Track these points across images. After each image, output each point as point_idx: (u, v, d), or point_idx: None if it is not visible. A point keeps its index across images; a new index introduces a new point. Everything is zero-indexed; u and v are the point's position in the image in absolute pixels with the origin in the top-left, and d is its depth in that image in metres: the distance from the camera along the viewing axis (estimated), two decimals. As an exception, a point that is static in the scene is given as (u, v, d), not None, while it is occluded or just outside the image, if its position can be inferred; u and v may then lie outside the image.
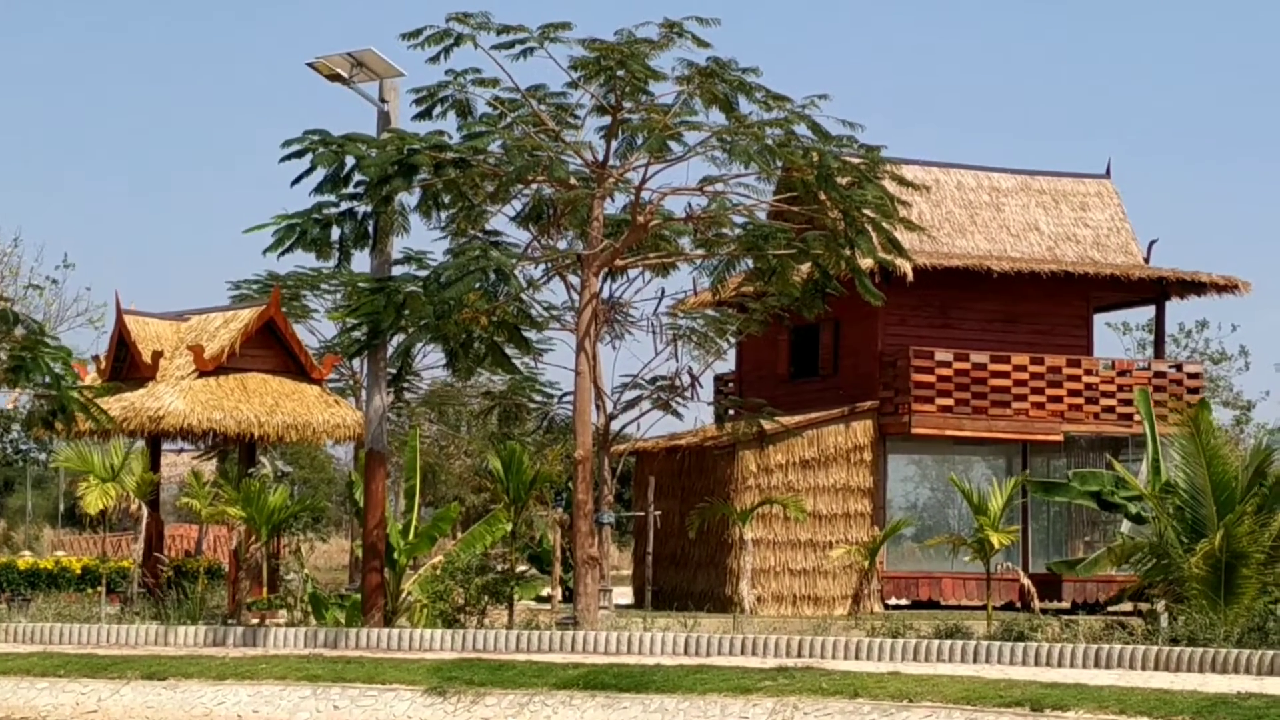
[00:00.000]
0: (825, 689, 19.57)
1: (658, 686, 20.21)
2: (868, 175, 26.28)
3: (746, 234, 26.80)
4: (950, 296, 39.98)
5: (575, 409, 26.46)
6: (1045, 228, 41.66)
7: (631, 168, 26.26)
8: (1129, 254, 41.83)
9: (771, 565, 37.62)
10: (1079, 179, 43.17)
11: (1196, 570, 25.17)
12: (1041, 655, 22.23)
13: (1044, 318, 40.96)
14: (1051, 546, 40.93)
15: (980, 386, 39.08)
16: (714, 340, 34.91)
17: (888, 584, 38.54)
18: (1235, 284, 41.23)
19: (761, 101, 25.54)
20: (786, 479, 37.82)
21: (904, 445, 39.62)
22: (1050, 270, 39.72)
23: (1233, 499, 25.66)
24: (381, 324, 25.81)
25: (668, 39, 25.10)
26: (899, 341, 39.23)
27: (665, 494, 39.22)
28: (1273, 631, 22.89)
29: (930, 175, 40.88)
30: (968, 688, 19.26)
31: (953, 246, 40.20)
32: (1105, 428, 40.03)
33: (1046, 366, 39.66)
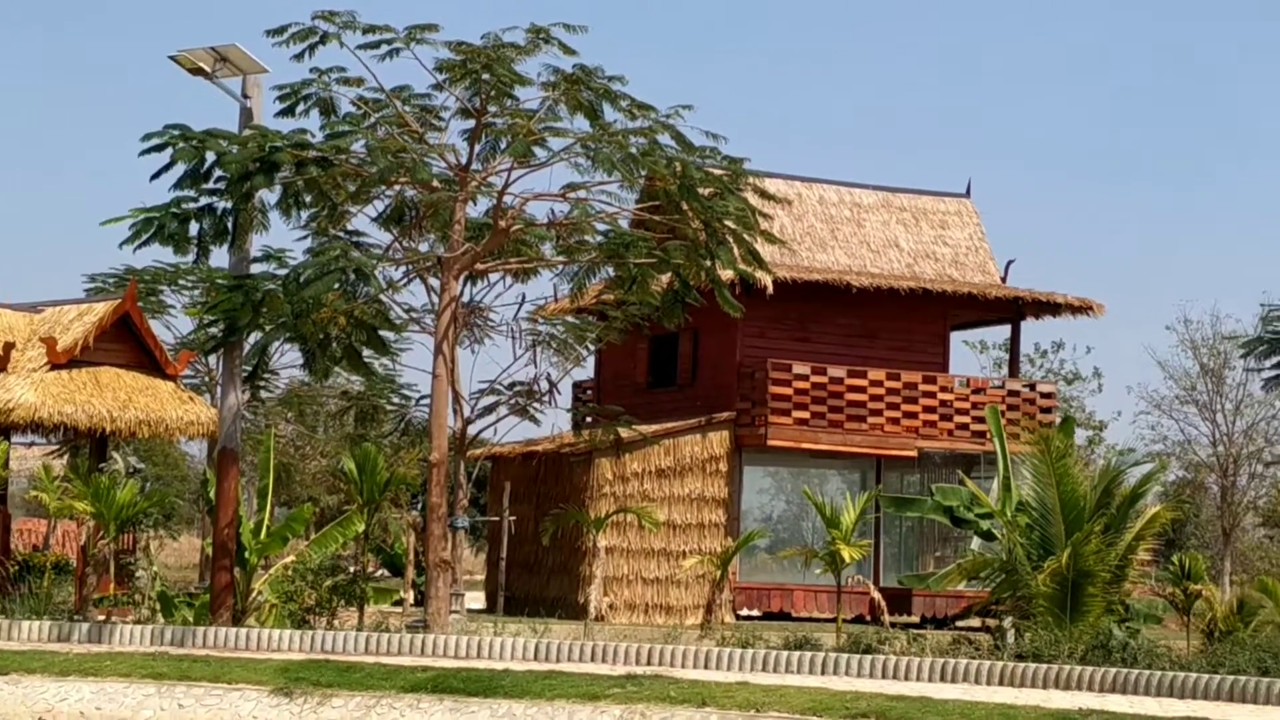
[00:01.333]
0: (673, 697, 19.63)
1: (506, 692, 20.19)
2: (730, 187, 26.36)
3: (608, 242, 26.81)
4: (810, 310, 40.19)
5: (432, 412, 26.38)
6: (905, 245, 42.00)
7: (495, 172, 26.22)
8: (987, 273, 42.24)
9: (625, 573, 37.66)
10: (939, 197, 43.56)
11: (1044, 587, 25.46)
12: (889, 668, 22.40)
13: (902, 334, 41.26)
14: (903, 561, 41.22)
15: (837, 400, 39.32)
16: (573, 347, 34.89)
17: (740, 594, 38.67)
18: (1090, 305, 41.71)
19: (626, 110, 25.58)
20: (642, 487, 37.89)
21: (760, 457, 39.79)
22: (909, 287, 40.02)
23: (1081, 518, 26.00)
24: (238, 321, 25.63)
25: (534, 44, 25.08)
26: (757, 353, 39.40)
27: (521, 499, 39.17)
28: (1116, 649, 23.18)
29: (793, 189, 41.11)
30: (815, 699, 19.39)
31: (813, 261, 40.42)
32: (959, 444, 40.38)
33: (903, 382, 39.96)
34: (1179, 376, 55.06)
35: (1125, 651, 23.10)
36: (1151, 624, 29.92)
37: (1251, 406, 53.65)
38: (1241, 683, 20.40)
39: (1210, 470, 56.07)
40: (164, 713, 20.64)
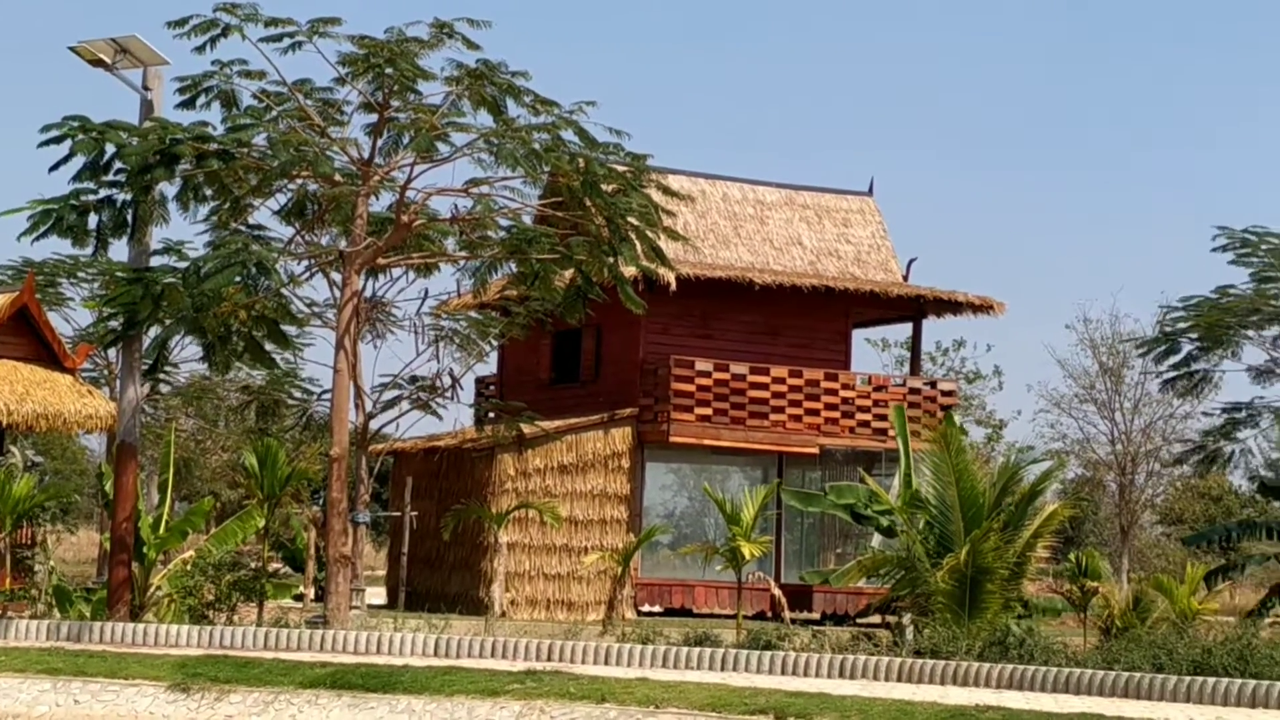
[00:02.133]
0: (573, 693, 19.62)
1: (405, 687, 20.13)
2: (633, 183, 26.39)
3: (511, 237, 26.79)
4: (712, 307, 40.27)
5: (333, 407, 26.28)
6: (808, 242, 42.14)
7: (397, 166, 26.15)
8: (889, 271, 42.43)
9: (527, 569, 37.63)
10: (842, 195, 43.72)
11: (943, 584, 25.62)
12: (788, 664, 22.49)
13: (804, 331, 41.38)
14: (805, 558, 41.35)
15: (739, 397, 39.40)
16: (476, 342, 34.83)
17: (642, 590, 38.71)
18: (990, 304, 41.97)
19: (530, 105, 25.57)
20: (544, 483, 37.87)
21: (663, 453, 39.84)
22: (811, 285, 40.15)
23: (980, 516, 26.17)
24: (138, 314, 25.46)
25: (438, 39, 25.04)
26: (660, 350, 39.44)
27: (423, 495, 39.08)
28: (1013, 646, 23.34)
29: (696, 186, 41.18)
30: (714, 695, 19.42)
31: (716, 258, 40.50)
32: (860, 442, 40.55)
33: (805, 379, 40.09)
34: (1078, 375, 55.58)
35: (1022, 648, 23.27)
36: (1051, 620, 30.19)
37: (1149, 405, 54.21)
38: (1136, 679, 20.58)
39: (1109, 468, 56.58)
40: (59, 709, 20.46)
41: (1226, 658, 21.08)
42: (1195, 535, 38.89)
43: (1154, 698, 20.20)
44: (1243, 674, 20.62)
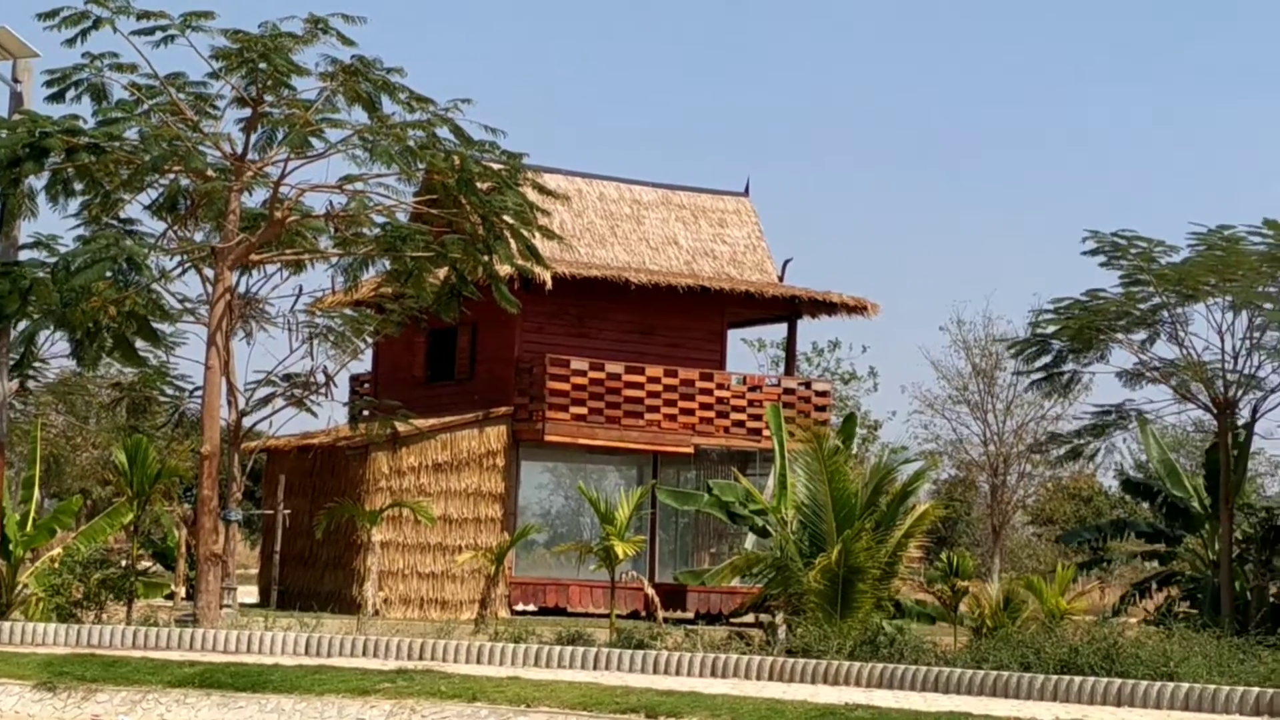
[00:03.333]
0: (444, 692, 19.57)
1: (275, 686, 19.99)
2: (508, 182, 26.39)
3: (385, 235, 26.72)
4: (588, 306, 40.27)
5: (204, 403, 26.10)
6: (684, 242, 42.22)
7: (271, 162, 26.02)
8: (764, 272, 42.59)
9: (400, 568, 37.49)
10: (718, 195, 43.84)
11: (815, 584, 25.77)
12: (660, 663, 22.54)
13: (680, 331, 41.45)
14: (679, 557, 41.44)
15: (614, 397, 39.43)
16: (350, 340, 34.63)
17: (516, 590, 38.65)
18: (865, 305, 42.20)
19: (405, 103, 25.51)
20: (419, 481, 37.75)
21: (538, 452, 39.80)
22: (687, 284, 40.23)
23: (852, 516, 26.35)
24: (5, 309, 25.18)
25: (312, 34, 24.93)
26: (536, 349, 39.40)
27: (296, 493, 38.86)
28: (884, 645, 23.50)
29: (573, 185, 41.17)
30: (585, 694, 19.42)
31: (592, 257, 40.52)
32: (735, 441, 40.68)
33: (680, 379, 40.15)
34: (952, 377, 55.96)
35: (893, 647, 23.43)
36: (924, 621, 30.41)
37: (1021, 407, 54.66)
38: (1005, 678, 20.76)
39: (981, 469, 57.02)
40: (-78, 708, 20.19)
41: (1093, 656, 21.33)
42: (1066, 534, 39.31)
43: (1022, 696, 20.40)
44: (1109, 672, 20.86)
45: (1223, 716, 19.15)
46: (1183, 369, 30.14)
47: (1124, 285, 29.81)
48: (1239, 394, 30.02)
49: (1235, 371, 29.71)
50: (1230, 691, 19.45)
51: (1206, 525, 32.16)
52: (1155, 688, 19.85)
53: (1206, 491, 32.21)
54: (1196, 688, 19.69)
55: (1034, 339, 31.34)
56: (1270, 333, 29.59)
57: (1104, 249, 29.68)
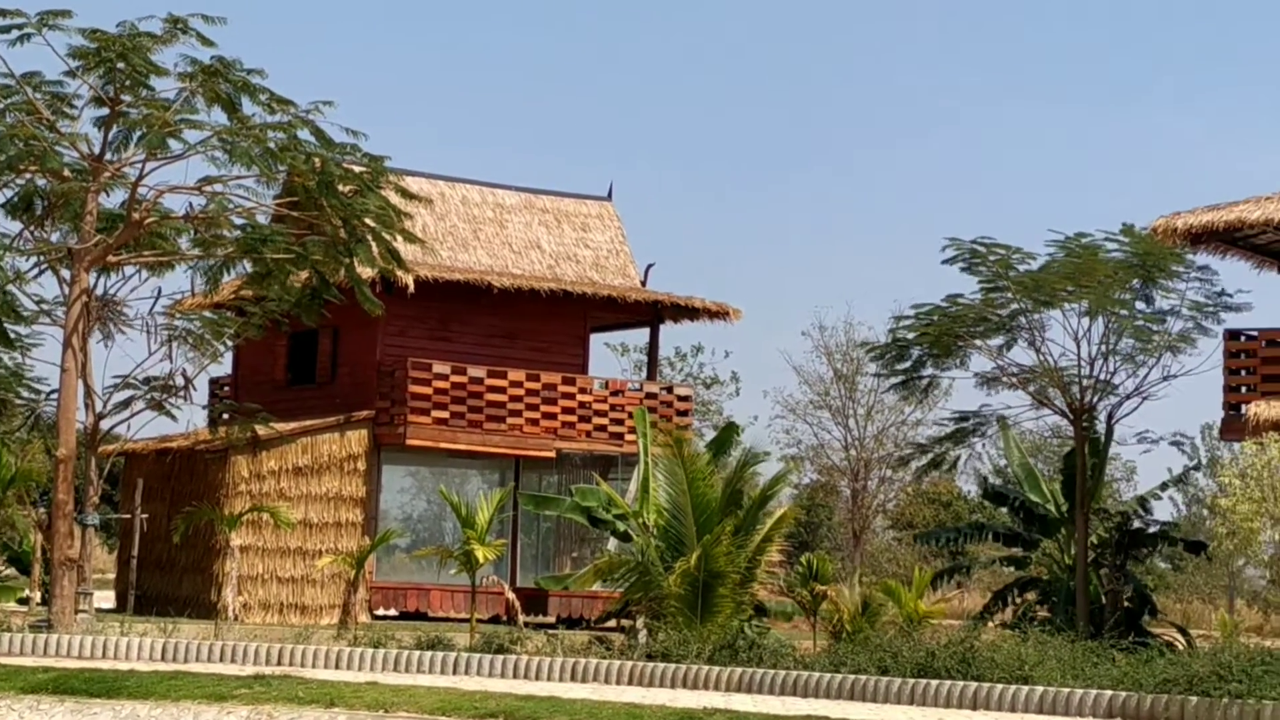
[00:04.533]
0: (301, 698, 19.47)
1: (130, 692, 19.82)
2: (370, 185, 26.31)
3: (245, 237, 26.54)
4: (451, 310, 40.15)
5: (60, 406, 25.82)
6: (547, 246, 42.20)
7: (129, 163, 25.79)
8: (627, 276, 42.65)
9: (260, 572, 37.21)
10: (581, 200, 43.85)
11: (675, 588, 25.83)
12: (520, 668, 22.56)
13: (542, 335, 41.42)
14: (541, 562, 41.41)
15: (477, 400, 39.32)
16: (210, 343, 34.31)
17: (376, 594, 38.48)
18: (726, 311, 42.33)
19: (265, 104, 25.37)
20: (279, 485, 37.49)
21: (400, 456, 39.64)
22: (550, 289, 40.21)
23: (713, 520, 26.43)
24: None
25: (172, 34, 24.76)
26: (398, 352, 39.24)
27: (154, 497, 38.48)
28: (743, 649, 23.58)
29: (435, 188, 41.04)
30: (444, 699, 19.39)
31: (455, 260, 40.41)
32: (597, 445, 40.69)
33: (542, 383, 40.12)
34: (813, 382, 56.31)
35: (752, 651, 23.52)
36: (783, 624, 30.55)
37: (882, 412, 55.11)
38: (862, 681, 20.93)
39: (842, 474, 57.40)
40: None
41: (949, 660, 21.50)
42: (925, 534, 39.65)
43: (879, 700, 20.58)
44: (965, 676, 21.04)
45: (1076, 719, 19.41)
46: (1040, 375, 30.46)
47: (983, 291, 30.08)
48: (1095, 399, 30.37)
49: (1091, 377, 30.06)
50: (1084, 694, 19.70)
51: (1063, 530, 32.51)
52: (1010, 691, 20.07)
53: (1063, 496, 32.57)
54: (1051, 691, 19.93)
55: (894, 344, 31.55)
56: (1125, 339, 29.95)
57: (963, 256, 29.94)
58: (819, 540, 57.63)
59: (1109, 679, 20.40)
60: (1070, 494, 31.65)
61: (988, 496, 36.36)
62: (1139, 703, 19.35)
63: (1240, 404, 31.15)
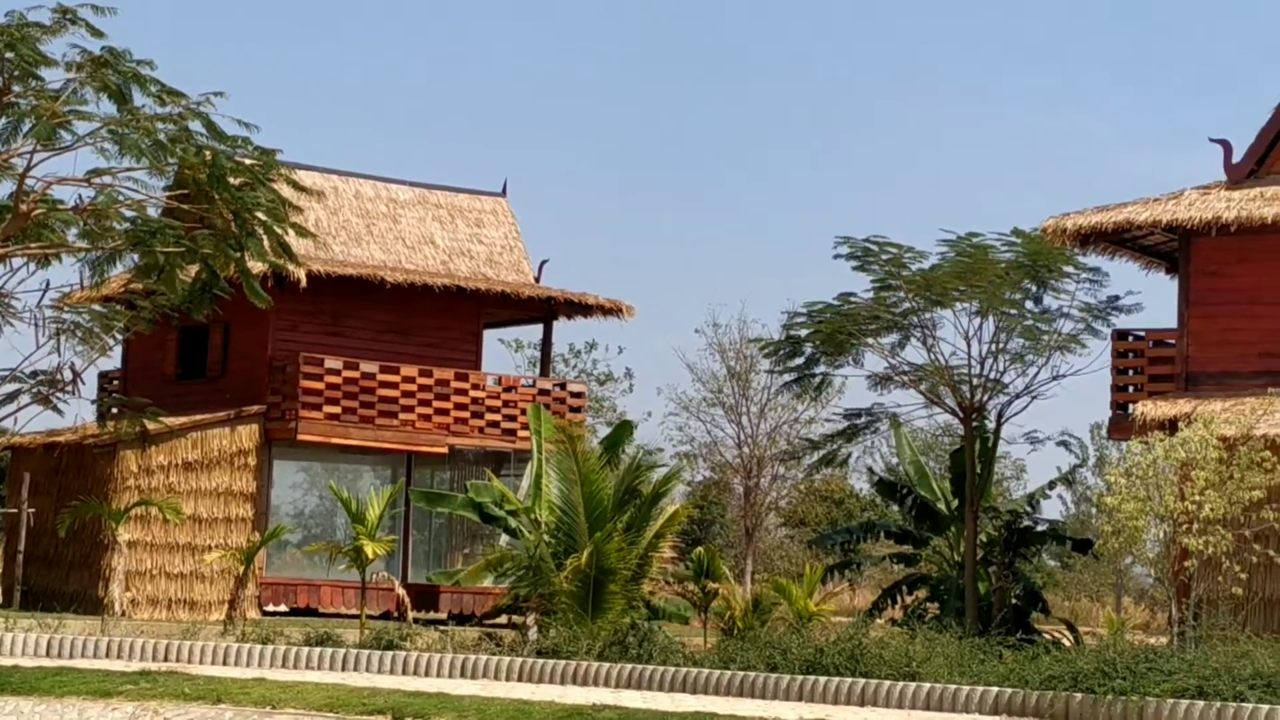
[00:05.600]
0: (188, 694, 19.36)
1: (14, 688, 19.65)
2: (261, 178, 26.14)
3: (134, 229, 26.30)
4: (343, 305, 39.99)
5: (-57, 400, 25.54)
6: (441, 242, 42.10)
7: (16, 154, 25.50)
8: (521, 272, 42.61)
9: (148, 568, 36.93)
10: (476, 195, 43.78)
11: (566, 585, 25.83)
12: (409, 664, 22.51)
13: (435, 331, 41.32)
14: (434, 558, 41.31)
15: (369, 396, 39.19)
16: (99, 336, 34.00)
17: (267, 590, 38.27)
18: (620, 307, 42.38)
19: (156, 95, 25.16)
20: (168, 480, 37.21)
21: (291, 451, 39.44)
22: (443, 284, 40.10)
23: (605, 517, 26.44)
24: None
25: (61, 25, 24.53)
26: (290, 347, 39.03)
27: (41, 491, 38.14)
28: (633, 646, 23.62)
29: (329, 182, 40.84)
30: (332, 695, 19.33)
31: (348, 255, 40.24)
32: (490, 442, 40.64)
33: (435, 379, 40.03)
34: (707, 379, 56.36)
35: (642, 648, 23.56)
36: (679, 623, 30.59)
37: (775, 409, 55.20)
38: (751, 678, 21.00)
39: (735, 471, 57.50)
40: None
41: (838, 657, 21.60)
42: (819, 537, 39.77)
43: (768, 696, 20.65)
44: (853, 673, 21.14)
45: (963, 715, 19.55)
46: (931, 373, 30.63)
47: (875, 290, 30.22)
48: (985, 398, 30.57)
49: (981, 376, 30.25)
50: (970, 691, 19.84)
51: (953, 527, 32.72)
52: (898, 688, 20.20)
53: (953, 494, 32.78)
54: (938, 687, 20.06)
55: (786, 341, 31.65)
56: (1015, 339, 30.16)
57: (856, 254, 30.07)
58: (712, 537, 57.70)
59: (996, 676, 20.55)
60: (960, 492, 31.84)
61: (881, 493, 36.54)
62: (1025, 699, 19.51)
63: (1128, 404, 31.43)
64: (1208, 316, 30.83)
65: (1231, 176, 31.24)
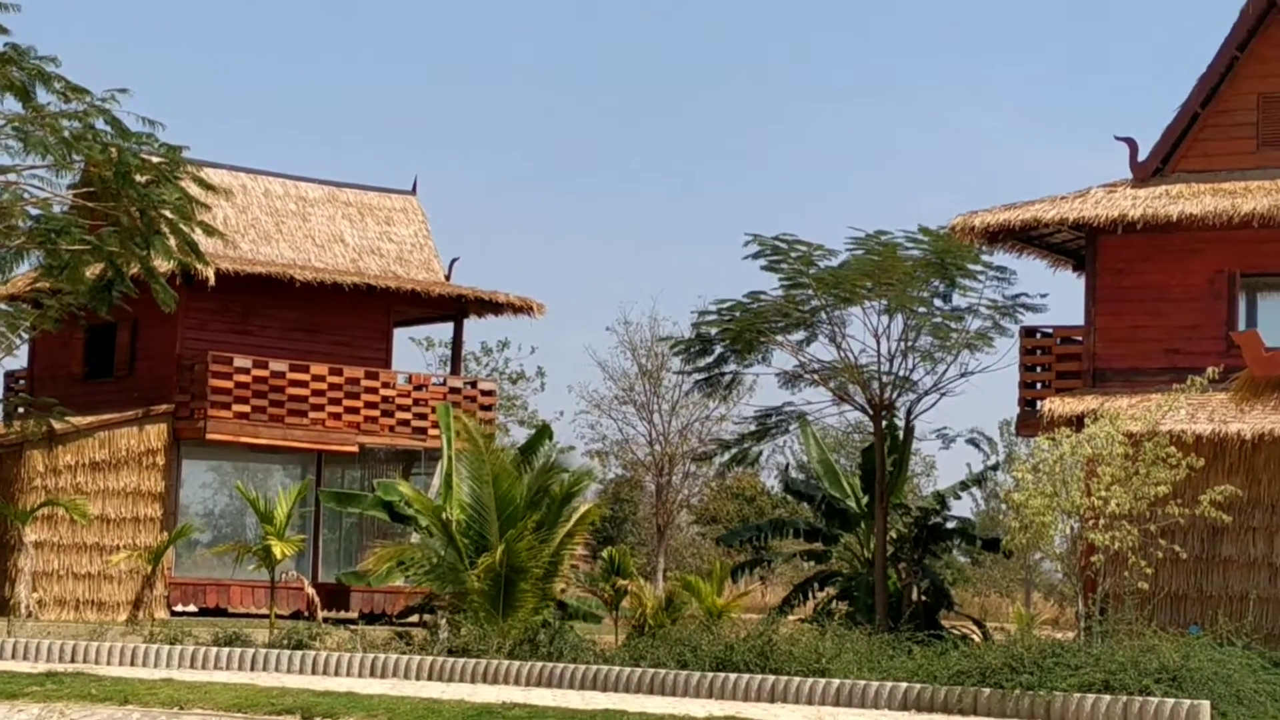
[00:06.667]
0: (95, 695, 19.23)
1: (-83, 691, 19.45)
2: (168, 175, 26.00)
3: (39, 227, 26.11)
4: (253, 303, 39.77)
5: None
6: (350, 240, 41.95)
7: (-82, 151, 25.30)
8: (431, 270, 42.50)
9: (55, 568, 36.60)
10: (386, 194, 43.65)
11: (478, 583, 25.76)
12: (319, 664, 22.43)
13: (345, 329, 41.17)
14: (345, 557, 41.14)
15: (279, 395, 38.99)
16: (5, 335, 33.81)
17: (176, 590, 38.04)
18: (530, 305, 42.34)
19: (60, 92, 25.00)
20: (75, 480, 36.89)
21: (200, 451, 39.20)
22: (353, 282, 39.95)
23: (516, 515, 26.38)
24: None
25: (-37, 21, 24.31)
26: (199, 346, 38.79)
27: (-54, 492, 37.80)
28: (544, 644, 23.59)
29: (237, 180, 40.63)
30: (240, 695, 19.24)
31: (257, 254, 40.03)
32: (400, 440, 40.53)
33: (345, 378, 39.87)
34: (618, 377, 56.42)
35: (553, 646, 23.53)
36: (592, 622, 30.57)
37: (687, 407, 55.33)
38: (661, 675, 21.02)
39: (647, 469, 57.57)
40: None
41: (748, 654, 21.64)
42: (728, 534, 39.82)
43: (678, 693, 20.67)
44: (763, 669, 21.19)
45: (872, 711, 19.62)
46: (840, 371, 30.70)
47: (784, 288, 30.26)
48: (894, 396, 30.67)
49: (891, 374, 30.35)
50: (880, 686, 19.92)
51: (863, 524, 32.82)
52: (808, 684, 20.25)
53: (863, 491, 32.88)
54: (848, 684, 20.13)
55: (696, 339, 31.66)
56: (924, 336, 30.27)
57: (765, 252, 30.10)
58: (624, 535, 57.77)
59: (904, 671, 20.63)
60: (870, 489, 31.95)
61: (790, 491, 36.62)
62: (934, 694, 19.61)
63: (1035, 400, 31.60)
64: (1114, 314, 31.03)
65: (1137, 175, 31.45)
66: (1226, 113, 31.14)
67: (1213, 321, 30.24)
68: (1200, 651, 20.09)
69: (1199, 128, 31.25)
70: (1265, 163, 30.68)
